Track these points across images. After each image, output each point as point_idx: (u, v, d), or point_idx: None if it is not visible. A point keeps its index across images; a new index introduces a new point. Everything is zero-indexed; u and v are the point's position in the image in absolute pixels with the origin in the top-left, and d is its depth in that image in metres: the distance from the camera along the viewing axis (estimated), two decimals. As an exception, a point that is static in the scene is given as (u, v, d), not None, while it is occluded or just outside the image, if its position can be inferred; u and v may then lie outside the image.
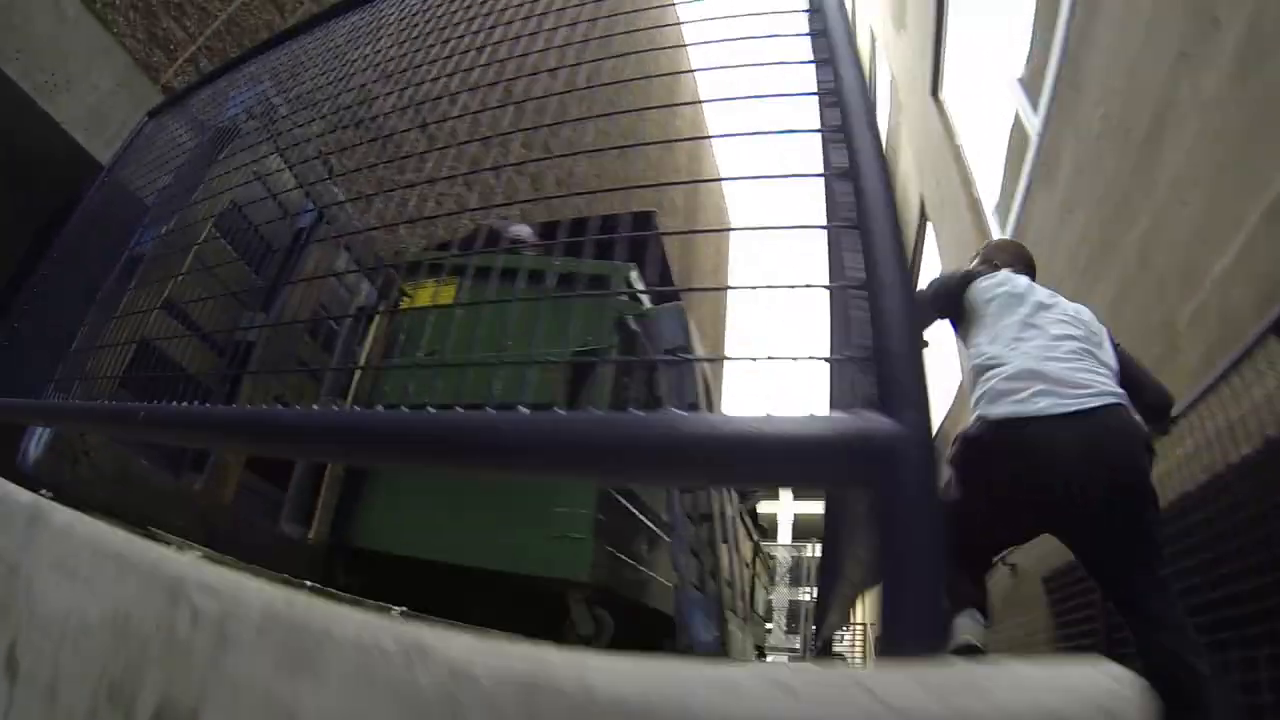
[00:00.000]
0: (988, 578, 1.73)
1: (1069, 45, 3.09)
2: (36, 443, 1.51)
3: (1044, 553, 2.94)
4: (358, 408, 2.37)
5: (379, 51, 1.35)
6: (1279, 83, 1.72)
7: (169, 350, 1.24)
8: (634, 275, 2.29)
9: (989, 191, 4.83)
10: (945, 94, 5.73)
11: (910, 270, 6.02)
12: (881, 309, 0.52)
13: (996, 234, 4.46)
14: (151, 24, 2.05)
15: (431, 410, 0.67)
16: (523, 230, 2.68)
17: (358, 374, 2.68)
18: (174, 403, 0.94)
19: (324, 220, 2.08)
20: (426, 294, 2.43)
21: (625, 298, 2.45)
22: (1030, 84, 3.73)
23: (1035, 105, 3.57)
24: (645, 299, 2.43)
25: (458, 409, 0.67)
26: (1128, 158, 2.55)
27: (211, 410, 0.91)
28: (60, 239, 1.60)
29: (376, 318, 2.85)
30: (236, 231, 1.47)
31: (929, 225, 6.97)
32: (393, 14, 1.46)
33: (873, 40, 9.63)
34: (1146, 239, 2.45)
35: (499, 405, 1.59)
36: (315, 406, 1.16)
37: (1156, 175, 2.34)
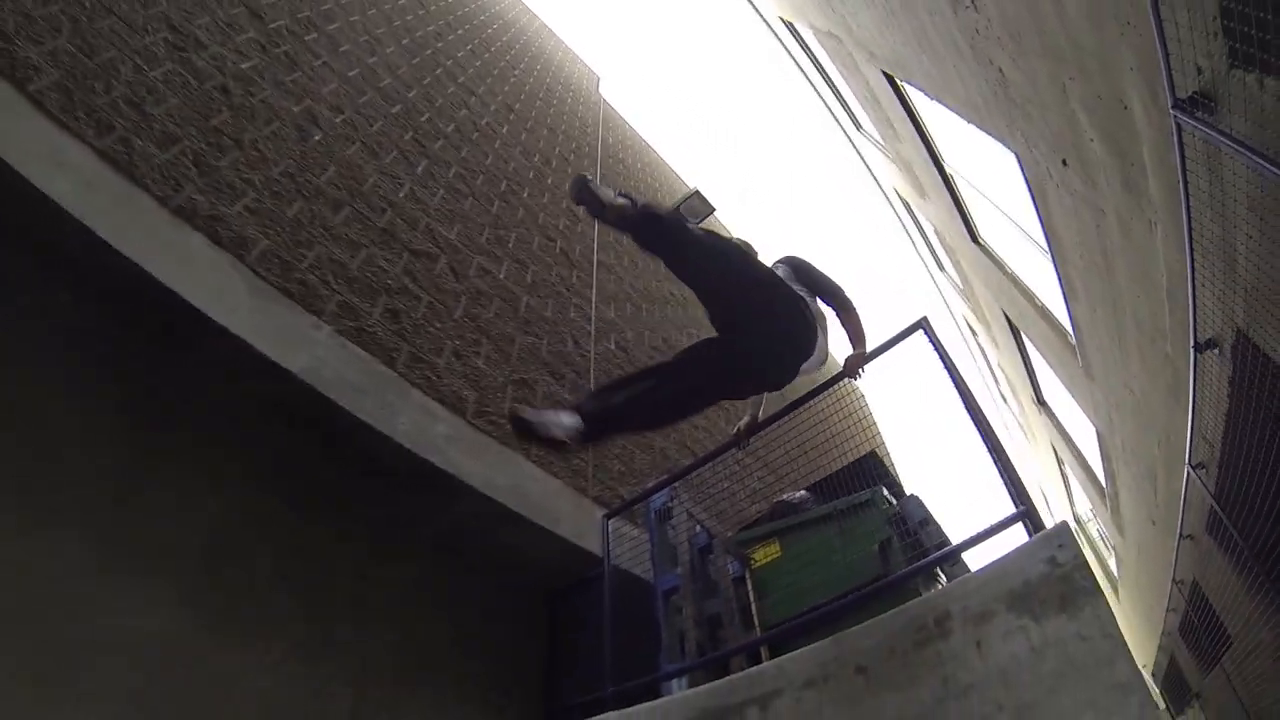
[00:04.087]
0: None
1: (1038, 205, 4.52)
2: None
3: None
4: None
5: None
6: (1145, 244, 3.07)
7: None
8: (884, 491, 3.18)
9: (1048, 297, 6.02)
10: (983, 239, 7.16)
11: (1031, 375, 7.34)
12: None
13: (1070, 331, 5.58)
14: (566, 460, 3.93)
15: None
16: (801, 494, 3.63)
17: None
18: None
19: (711, 538, 3.43)
20: (761, 553, 3.32)
21: (885, 506, 3.14)
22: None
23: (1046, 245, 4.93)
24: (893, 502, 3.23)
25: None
26: (1104, 276, 3.84)
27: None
28: (607, 598, 3.13)
29: (747, 575, 3.51)
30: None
31: (1021, 333, 8.07)
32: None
33: (904, 203, 11.40)
34: (1135, 313, 3.67)
35: (850, 590, 2.79)
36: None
37: (1117, 274, 3.63)
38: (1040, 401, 10.01)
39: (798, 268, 3.00)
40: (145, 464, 2.71)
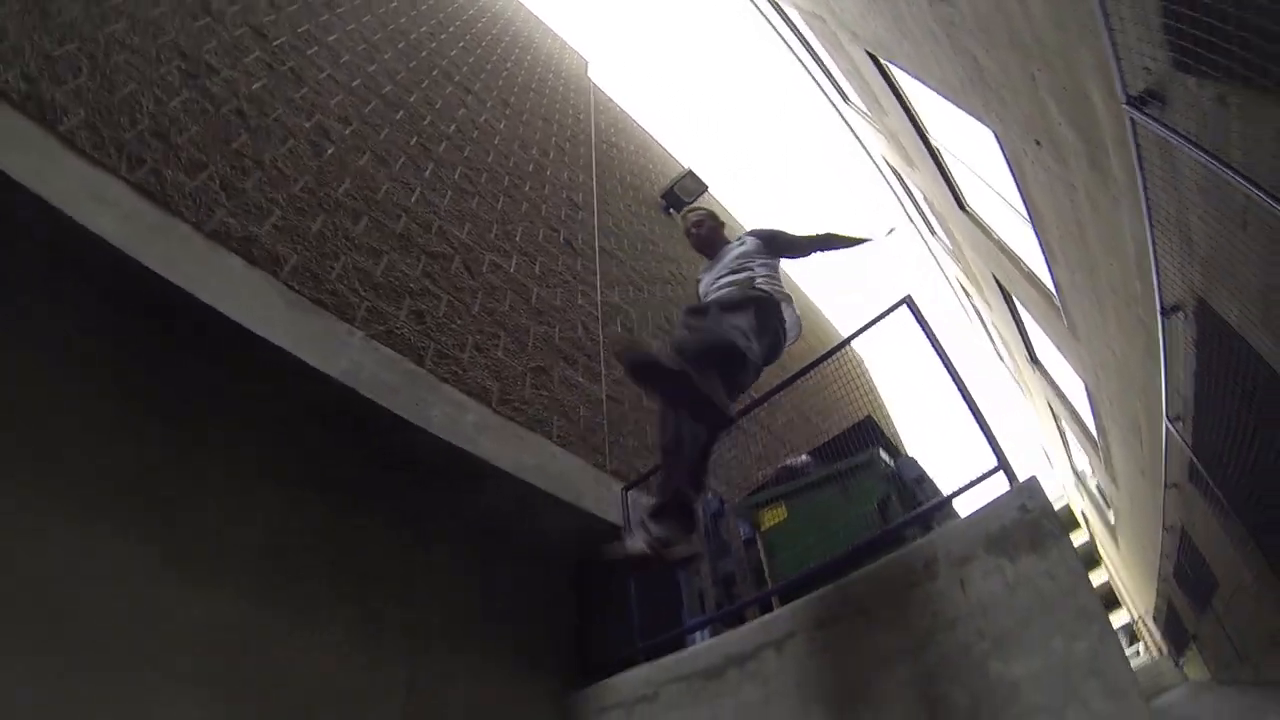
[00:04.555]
0: None
1: (1017, 178, 4.75)
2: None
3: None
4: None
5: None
6: (1109, 214, 3.31)
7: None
8: (882, 452, 3.36)
9: (1032, 262, 6.26)
10: (970, 206, 7.38)
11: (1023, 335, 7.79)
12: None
13: (1054, 294, 5.83)
14: (591, 436, 4.17)
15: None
16: (804, 459, 3.82)
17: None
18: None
19: (723, 504, 3.75)
20: (769, 515, 3.50)
21: (882, 467, 3.32)
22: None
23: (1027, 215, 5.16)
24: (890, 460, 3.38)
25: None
26: (1080, 245, 4.08)
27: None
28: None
29: (757, 536, 3.66)
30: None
31: (1011, 295, 8.31)
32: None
33: (894, 171, 11.57)
34: (1109, 279, 3.92)
35: (854, 549, 3.09)
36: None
37: (1091, 244, 3.88)
38: (1034, 360, 10.29)
39: (767, 239, 3.09)
40: (206, 470, 2.97)
